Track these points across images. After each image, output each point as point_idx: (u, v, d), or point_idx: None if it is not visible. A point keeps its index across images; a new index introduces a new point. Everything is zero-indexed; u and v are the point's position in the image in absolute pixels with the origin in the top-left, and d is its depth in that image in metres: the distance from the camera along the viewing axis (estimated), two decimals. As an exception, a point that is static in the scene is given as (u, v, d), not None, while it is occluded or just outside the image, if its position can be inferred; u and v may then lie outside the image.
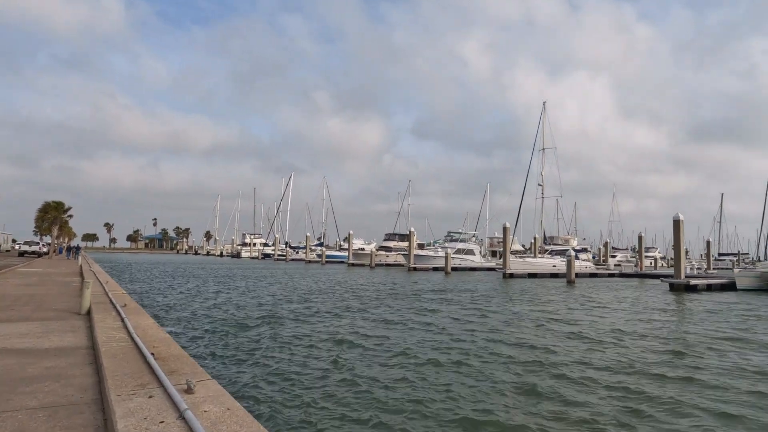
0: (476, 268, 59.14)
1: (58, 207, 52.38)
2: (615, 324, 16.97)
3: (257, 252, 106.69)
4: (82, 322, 8.84)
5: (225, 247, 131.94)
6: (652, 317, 19.24)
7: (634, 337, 14.35)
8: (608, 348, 12.68)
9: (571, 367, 10.51)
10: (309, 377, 9.54)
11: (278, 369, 10.06)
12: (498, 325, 16.11)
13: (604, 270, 51.43)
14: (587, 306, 22.33)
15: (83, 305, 9.80)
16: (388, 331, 14.75)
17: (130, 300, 11.33)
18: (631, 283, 42.55)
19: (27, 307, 10.57)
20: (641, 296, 28.36)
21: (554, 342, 13.27)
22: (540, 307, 21.32)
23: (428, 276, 46.19)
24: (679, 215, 31.60)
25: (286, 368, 10.15)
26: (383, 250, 75.09)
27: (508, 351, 11.98)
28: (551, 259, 51.09)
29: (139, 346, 5.98)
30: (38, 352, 6.21)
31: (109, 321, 8.15)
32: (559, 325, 16.48)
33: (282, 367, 10.20)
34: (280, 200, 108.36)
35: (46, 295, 13.26)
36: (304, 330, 14.71)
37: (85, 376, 5.20)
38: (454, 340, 13.34)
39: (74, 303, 11.45)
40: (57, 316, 9.39)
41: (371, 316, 18.07)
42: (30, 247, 50.72)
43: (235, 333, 13.98)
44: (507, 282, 39.15)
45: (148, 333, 7.10)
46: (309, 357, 11.25)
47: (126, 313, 8.84)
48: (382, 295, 26.39)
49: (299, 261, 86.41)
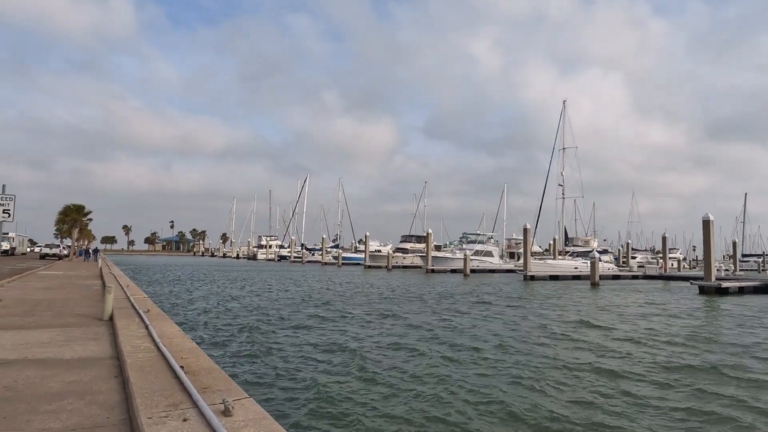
0: (495, 270, 58.27)
1: (78, 210, 52.83)
2: (669, 331, 16.09)
3: (273, 254, 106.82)
4: (104, 328, 8.48)
5: (241, 249, 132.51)
6: (701, 324, 18.14)
7: (702, 349, 13.29)
8: (685, 360, 11.75)
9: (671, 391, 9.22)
10: (362, 395, 8.73)
11: (317, 383, 9.26)
12: (544, 339, 14.44)
13: (628, 272, 50.24)
14: (624, 313, 21.04)
15: (105, 311, 9.45)
16: (447, 345, 13.21)
17: (153, 305, 10.98)
18: (656, 285, 41.41)
19: (48, 313, 10.26)
20: (673, 300, 27.34)
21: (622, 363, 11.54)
22: (578, 315, 20.04)
23: (447, 278, 45.52)
24: (709, 215, 30.53)
25: (329, 384, 9.27)
26: (400, 252, 74.51)
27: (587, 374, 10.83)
28: (573, 261, 50.04)
29: (166, 358, 5.55)
30: (60, 364, 5.82)
31: (132, 328, 7.76)
32: (606, 334, 15.30)
33: (322, 382, 9.36)
34: (296, 202, 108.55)
35: (66, 299, 12.99)
36: (337, 337, 14.10)
37: (111, 391, 4.78)
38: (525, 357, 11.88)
39: (96, 308, 11.14)
40: (78, 323, 9.05)
41: (406, 320, 17.47)
42: (51, 249, 51.17)
43: (264, 341, 13.38)
44: (529, 284, 38.33)
45: (174, 342, 6.68)
46: (349, 369, 10.47)
47: (150, 320, 8.46)
48: (410, 298, 25.85)
49: (315, 263, 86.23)
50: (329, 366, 10.66)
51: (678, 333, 15.68)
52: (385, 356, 11.73)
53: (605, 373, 10.26)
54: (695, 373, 10.39)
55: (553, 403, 8.26)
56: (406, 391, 8.97)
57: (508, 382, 9.50)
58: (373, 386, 9.21)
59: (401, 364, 10.95)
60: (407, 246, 75.78)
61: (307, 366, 10.68)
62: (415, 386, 9.20)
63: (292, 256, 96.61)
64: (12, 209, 12.69)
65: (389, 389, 9.07)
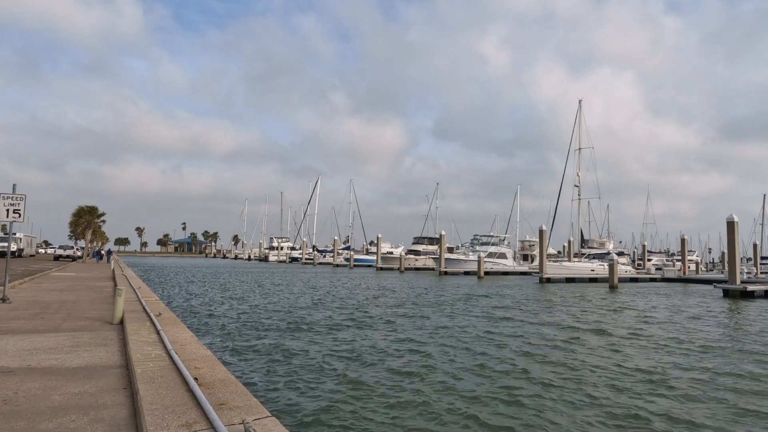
0: (509, 272, 57.46)
1: (92, 211, 53.00)
2: (701, 335, 15.37)
3: (285, 256, 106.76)
4: (114, 333, 8.09)
5: (252, 251, 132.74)
6: (739, 331, 17.21)
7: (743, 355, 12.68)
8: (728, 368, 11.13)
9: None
10: (395, 410, 8.01)
11: (343, 395, 8.63)
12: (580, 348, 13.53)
13: (645, 274, 49.18)
14: (649, 318, 20.12)
15: (115, 315, 9.07)
16: (478, 349, 12.65)
17: (165, 308, 10.59)
18: (675, 288, 40.42)
19: (57, 316, 9.92)
20: (699, 304, 26.41)
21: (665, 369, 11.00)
22: (602, 321, 19.10)
23: (462, 280, 44.87)
24: (734, 216, 29.62)
25: (354, 396, 8.59)
26: (412, 254, 73.93)
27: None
28: (589, 263, 49.10)
29: (179, 368, 5.11)
30: (65, 373, 5.40)
31: (143, 333, 7.36)
32: (638, 343, 14.36)
33: (346, 393, 8.71)
34: (307, 204, 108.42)
35: (77, 301, 12.68)
36: (362, 343, 13.40)
37: (118, 406, 4.34)
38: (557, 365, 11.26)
39: (106, 311, 10.79)
40: (88, 327, 8.68)
41: (433, 323, 16.94)
42: (65, 251, 51.37)
43: (282, 347, 12.69)
44: (545, 287, 37.58)
45: (187, 349, 6.25)
46: (378, 377, 9.81)
47: (161, 324, 8.05)
48: (430, 301, 25.31)
49: (327, 264, 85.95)
50: (367, 383, 9.46)
51: (719, 340, 14.86)
52: (413, 364, 11.19)
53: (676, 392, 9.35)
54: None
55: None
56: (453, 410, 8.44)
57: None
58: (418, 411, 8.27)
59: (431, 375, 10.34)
60: (419, 248, 75.18)
61: (336, 380, 9.73)
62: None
63: (303, 258, 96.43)
64: (22, 209, 12.39)
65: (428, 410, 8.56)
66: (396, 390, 9.04)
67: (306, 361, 11.20)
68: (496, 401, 8.49)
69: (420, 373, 10.21)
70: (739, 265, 30.09)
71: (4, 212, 12.15)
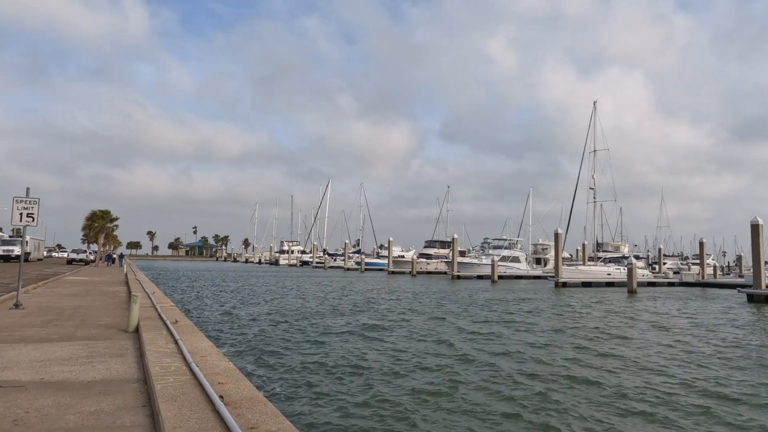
0: (522, 276, 56.71)
1: (104, 215, 53.20)
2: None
3: (295, 259, 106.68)
4: (130, 342, 7.76)
5: (263, 255, 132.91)
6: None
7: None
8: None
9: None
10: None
11: (379, 418, 7.77)
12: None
13: (663, 279, 48.23)
14: (683, 329, 18.56)
15: (131, 322, 8.74)
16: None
17: (181, 315, 10.26)
18: (696, 293, 39.54)
19: (71, 323, 9.62)
20: (726, 310, 25.54)
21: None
22: (632, 331, 18.00)
23: (476, 284, 44.31)
24: (758, 219, 28.85)
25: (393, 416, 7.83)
26: (423, 258, 73.36)
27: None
28: (605, 267, 48.28)
29: (202, 384, 4.73)
30: (80, 388, 5.05)
31: (160, 342, 7.00)
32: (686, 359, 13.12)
33: (383, 415, 7.86)
34: (318, 207, 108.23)
35: (90, 307, 12.41)
36: (389, 354, 12.47)
37: (138, 428, 3.96)
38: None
39: (120, 317, 10.49)
40: (102, 335, 8.36)
41: (471, 338, 16.16)
42: (78, 254, 51.59)
43: (306, 357, 11.88)
44: (562, 291, 36.91)
45: (208, 361, 5.88)
46: (416, 396, 8.95)
47: (179, 333, 7.71)
48: (454, 310, 24.83)
49: (337, 268, 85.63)
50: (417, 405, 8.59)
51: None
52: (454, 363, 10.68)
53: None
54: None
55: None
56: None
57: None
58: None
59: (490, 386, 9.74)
60: (431, 251, 74.63)
61: (368, 395, 8.93)
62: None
63: (314, 262, 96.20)
64: (36, 213, 12.16)
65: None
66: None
67: (333, 371, 10.58)
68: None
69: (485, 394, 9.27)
70: (764, 269, 29.23)
71: (18, 216, 11.92)
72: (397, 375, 10.31)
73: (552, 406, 8.41)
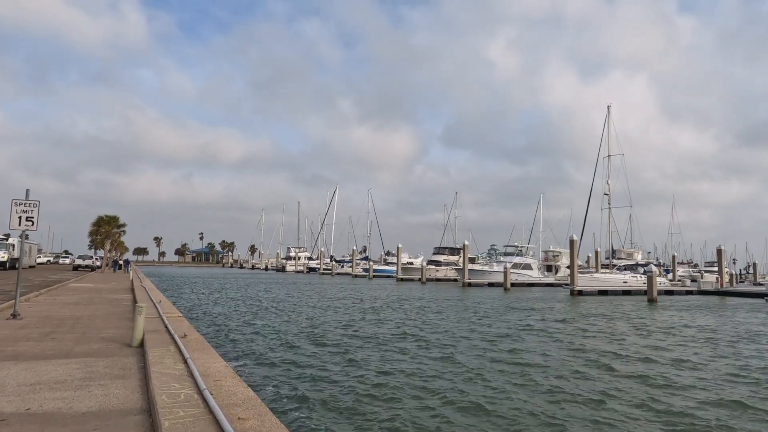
0: (534, 283, 55.54)
1: (111, 221, 52.65)
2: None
3: (302, 266, 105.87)
4: (133, 359, 6.92)
5: (269, 261, 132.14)
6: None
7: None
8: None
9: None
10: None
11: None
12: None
13: (681, 287, 46.96)
14: (728, 343, 17.12)
15: (135, 336, 7.92)
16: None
17: (190, 328, 9.42)
18: (715, 301, 38.30)
19: (70, 336, 8.81)
20: (764, 322, 24.32)
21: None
22: (665, 343, 16.98)
23: (489, 293, 43.26)
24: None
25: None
26: (432, 264, 72.29)
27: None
28: (621, 275, 47.07)
29: (218, 420, 3.87)
30: (71, 422, 4.21)
31: (167, 362, 6.16)
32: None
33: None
34: (325, 213, 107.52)
35: (93, 317, 11.60)
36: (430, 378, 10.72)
37: (140, 484, 3.10)
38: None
39: (124, 329, 9.67)
40: (103, 350, 7.53)
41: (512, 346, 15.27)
42: (84, 261, 50.96)
43: (333, 380, 10.31)
44: (579, 300, 35.80)
45: (223, 387, 5.02)
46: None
47: (188, 349, 6.86)
48: (484, 323, 23.86)
49: (345, 275, 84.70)
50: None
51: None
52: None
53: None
54: None
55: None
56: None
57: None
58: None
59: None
60: (440, 258, 73.49)
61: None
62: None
63: (321, 268, 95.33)
64: (36, 217, 11.40)
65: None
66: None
67: (363, 398, 9.14)
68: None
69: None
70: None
71: (17, 220, 11.15)
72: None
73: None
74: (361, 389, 9.60)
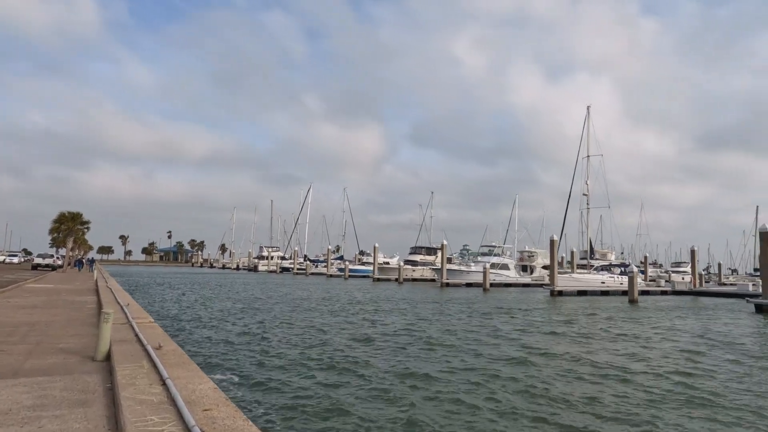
0: (511, 283, 55.36)
1: (74, 218, 49.96)
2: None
3: (275, 265, 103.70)
4: (98, 377, 5.76)
5: (241, 261, 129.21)
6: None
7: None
8: None
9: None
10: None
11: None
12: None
13: (656, 287, 47.42)
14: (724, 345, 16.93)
15: (100, 348, 6.72)
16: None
17: (165, 336, 8.22)
18: (691, 301, 38.64)
19: (21, 347, 7.52)
20: (744, 322, 24.25)
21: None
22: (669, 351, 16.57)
23: (468, 293, 42.67)
24: (767, 226, 27.99)
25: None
26: (409, 264, 71.52)
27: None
28: (599, 275, 47.24)
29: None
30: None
31: (141, 383, 5.03)
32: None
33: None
34: (299, 212, 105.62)
35: (51, 323, 10.23)
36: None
37: None
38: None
39: (87, 337, 8.42)
40: (61, 366, 6.31)
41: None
42: (44, 260, 48.14)
43: (339, 402, 8.61)
44: (559, 301, 35.53)
45: (217, 421, 3.94)
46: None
47: (165, 364, 5.74)
48: (478, 326, 23.00)
49: (320, 275, 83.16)
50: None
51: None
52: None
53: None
54: None
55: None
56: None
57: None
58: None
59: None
60: (417, 258, 72.75)
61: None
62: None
63: (295, 268, 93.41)
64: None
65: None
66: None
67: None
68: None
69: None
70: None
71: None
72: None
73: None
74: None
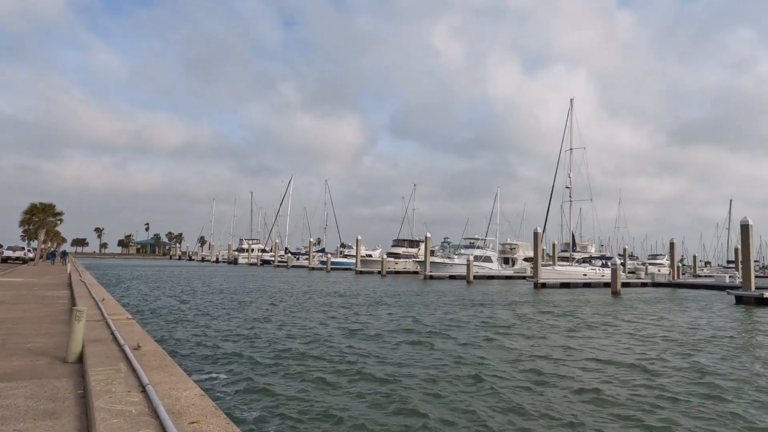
0: (494, 276, 55.54)
1: (46, 209, 48.32)
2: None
3: (255, 258, 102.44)
4: (70, 382, 5.19)
5: (221, 253, 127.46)
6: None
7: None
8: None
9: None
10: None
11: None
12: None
13: (636, 279, 48.05)
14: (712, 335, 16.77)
15: (72, 348, 6.13)
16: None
17: (144, 334, 7.63)
18: (671, 293, 39.16)
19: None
20: (726, 313, 24.51)
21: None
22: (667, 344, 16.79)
23: (452, 286, 42.54)
24: (747, 219, 28.30)
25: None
26: (392, 257, 71.27)
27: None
28: (581, 268, 47.66)
29: None
30: None
31: (118, 390, 4.48)
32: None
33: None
34: (279, 204, 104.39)
35: (19, 320, 9.53)
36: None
37: None
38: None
39: (59, 335, 7.79)
40: (28, 369, 5.71)
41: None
42: (14, 252, 46.42)
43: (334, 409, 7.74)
44: (545, 293, 35.60)
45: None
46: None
47: (144, 367, 5.20)
48: (469, 318, 22.66)
49: (301, 267, 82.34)
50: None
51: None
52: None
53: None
54: None
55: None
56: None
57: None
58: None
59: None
60: (400, 250, 72.60)
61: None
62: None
63: (276, 261, 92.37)
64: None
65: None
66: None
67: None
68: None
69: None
70: (753, 271, 28.70)
71: None
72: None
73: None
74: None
